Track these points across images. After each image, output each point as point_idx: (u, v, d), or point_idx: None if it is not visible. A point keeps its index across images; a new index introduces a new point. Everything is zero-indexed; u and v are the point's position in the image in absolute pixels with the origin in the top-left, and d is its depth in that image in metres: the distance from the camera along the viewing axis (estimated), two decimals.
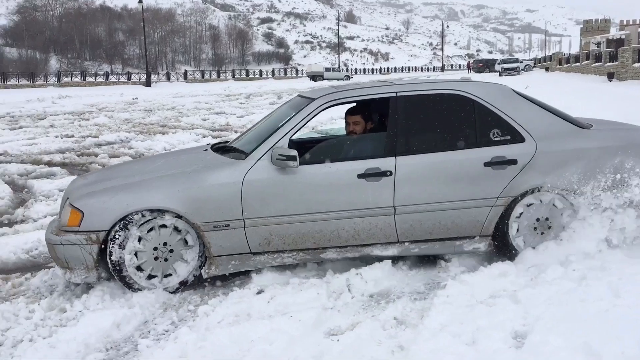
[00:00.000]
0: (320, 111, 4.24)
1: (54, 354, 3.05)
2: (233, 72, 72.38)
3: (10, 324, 3.54)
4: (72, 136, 13.71)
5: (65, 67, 69.53)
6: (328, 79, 60.68)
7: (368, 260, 4.11)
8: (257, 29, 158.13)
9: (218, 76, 68.67)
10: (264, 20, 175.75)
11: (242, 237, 4.03)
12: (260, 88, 41.37)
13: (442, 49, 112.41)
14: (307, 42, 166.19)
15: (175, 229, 3.98)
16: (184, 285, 4.01)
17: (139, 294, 3.85)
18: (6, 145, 11.89)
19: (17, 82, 47.86)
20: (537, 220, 4.15)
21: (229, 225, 3.99)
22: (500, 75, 47.88)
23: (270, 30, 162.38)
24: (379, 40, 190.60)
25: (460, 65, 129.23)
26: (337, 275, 3.96)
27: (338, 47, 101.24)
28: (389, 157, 4.07)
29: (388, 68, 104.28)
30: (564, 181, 4.06)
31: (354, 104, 4.52)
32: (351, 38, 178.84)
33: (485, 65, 65.65)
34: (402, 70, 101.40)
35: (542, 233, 4.16)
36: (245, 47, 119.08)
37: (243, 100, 27.37)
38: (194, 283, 4.05)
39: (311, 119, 4.22)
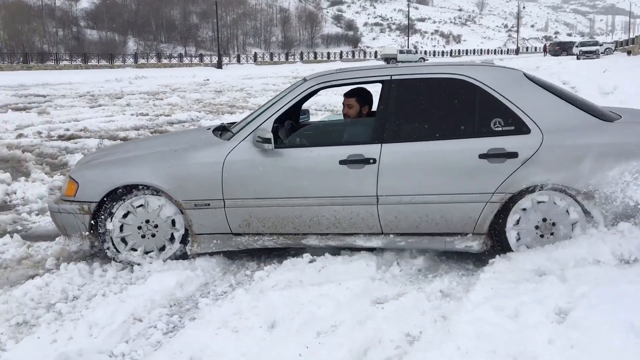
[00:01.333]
0: (310, 93, 4.14)
1: (123, 307, 3.36)
2: (301, 54, 72.80)
3: (86, 281, 3.90)
4: (147, 114, 14.36)
5: (142, 49, 72.00)
6: (402, 62, 60.16)
7: None
8: (327, 12, 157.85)
9: (287, 59, 69.30)
10: (333, 3, 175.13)
11: (223, 218, 4.06)
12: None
13: (517, 31, 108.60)
14: (376, 24, 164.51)
15: (159, 206, 4.11)
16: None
17: (201, 258, 4.12)
18: (86, 122, 12.65)
19: (97, 63, 50.10)
20: (544, 220, 3.77)
21: (209, 204, 4.03)
22: (577, 58, 45.85)
23: (339, 13, 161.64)
24: (450, 22, 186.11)
25: (536, 47, 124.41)
26: (387, 250, 4.09)
27: (408, 29, 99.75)
28: (375, 144, 3.87)
29: (459, 50, 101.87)
30: (573, 180, 3.63)
31: (352, 87, 4.40)
32: (422, 20, 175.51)
33: (563, 48, 63.00)
34: (474, 53, 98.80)
35: (542, 235, 3.78)
36: (315, 29, 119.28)
37: None
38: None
39: (300, 100, 4.16)
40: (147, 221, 4.13)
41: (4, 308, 3.47)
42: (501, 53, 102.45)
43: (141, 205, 4.11)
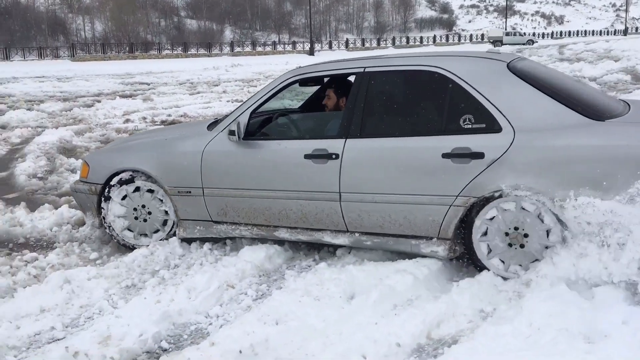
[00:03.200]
0: (285, 86, 4.08)
1: (218, 275, 3.69)
2: (393, 39, 72.14)
3: (185, 252, 4.28)
4: (242, 101, 14.98)
5: (238, 38, 74.22)
6: (509, 44, 58.32)
7: None
8: None
9: (378, 44, 68.91)
10: None
11: (202, 205, 4.20)
12: None
13: (626, 10, 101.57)
14: (472, 6, 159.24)
15: (150, 190, 4.36)
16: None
17: None
18: (186, 108, 13.45)
19: (196, 52, 52.31)
20: (515, 229, 3.36)
21: (190, 192, 4.19)
22: None
23: None
24: (553, 2, 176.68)
25: None
26: None
27: (506, 10, 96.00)
28: (340, 138, 3.74)
29: (561, 32, 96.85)
30: (545, 186, 3.21)
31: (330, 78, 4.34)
32: (522, 0, 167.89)
33: None
34: (577, 35, 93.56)
35: (511, 245, 3.38)
36: (408, 13, 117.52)
37: None
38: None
39: (275, 93, 4.11)
40: (143, 206, 4.41)
41: (115, 272, 3.91)
42: (607, 34, 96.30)
43: (137, 189, 4.39)
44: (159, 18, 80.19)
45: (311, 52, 53.52)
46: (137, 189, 4.39)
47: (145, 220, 4.44)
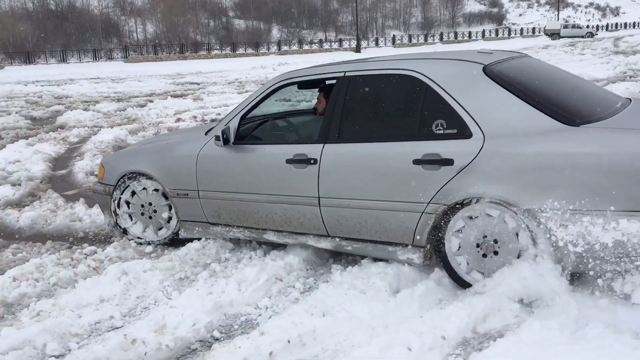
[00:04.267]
0: (273, 91, 4.13)
1: (266, 268, 3.81)
2: (441, 35, 71.23)
3: (235, 246, 4.42)
4: (289, 100, 15.12)
5: (285, 36, 74.77)
6: (567, 37, 56.88)
7: None
8: None
9: (425, 40, 68.20)
10: None
11: (199, 207, 4.32)
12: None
13: None
14: None
15: (156, 190, 4.56)
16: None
17: None
18: (234, 107, 13.68)
19: (244, 51, 53.02)
20: (484, 237, 3.24)
21: (187, 194, 4.33)
22: None
23: None
24: None
25: None
26: None
27: (558, 3, 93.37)
28: (319, 143, 3.73)
29: (617, 24, 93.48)
30: (514, 194, 3.07)
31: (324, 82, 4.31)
32: None
33: None
34: (634, 27, 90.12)
35: (484, 255, 3.27)
36: (456, 8, 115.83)
37: None
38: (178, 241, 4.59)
39: (265, 98, 4.15)
40: (150, 204, 4.62)
41: (169, 265, 4.08)
42: None
43: (144, 189, 4.61)
44: (208, 19, 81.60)
45: (357, 50, 53.43)
46: (144, 189, 4.63)
47: (150, 218, 4.65)
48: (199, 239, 4.44)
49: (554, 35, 58.83)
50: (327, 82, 4.24)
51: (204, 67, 34.04)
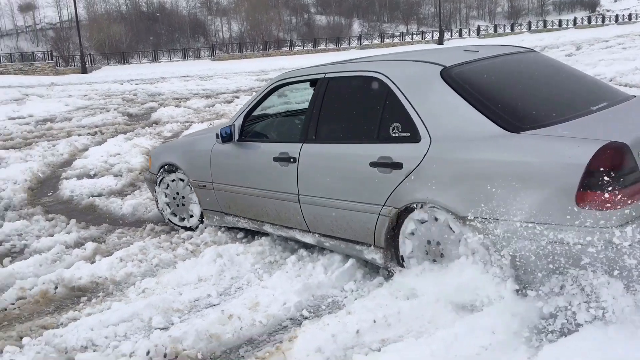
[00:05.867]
0: (271, 91, 4.33)
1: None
2: (529, 24, 68.59)
3: None
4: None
5: (366, 30, 74.67)
6: None
7: None
8: None
9: (512, 29, 65.92)
10: None
11: (214, 198, 4.64)
12: (557, 40, 38.82)
13: None
14: None
15: (182, 180, 4.98)
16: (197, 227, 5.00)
17: None
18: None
19: (325, 47, 53.46)
20: (437, 244, 3.24)
21: (205, 186, 4.68)
22: None
23: None
24: None
25: None
26: None
27: None
28: (299, 143, 3.90)
29: None
30: (450, 200, 3.03)
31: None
32: None
33: None
34: None
35: (434, 260, 3.28)
36: None
37: None
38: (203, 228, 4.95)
39: (264, 98, 4.38)
40: (177, 193, 5.03)
41: (260, 249, 4.32)
42: None
43: (174, 180, 5.02)
44: (290, 16, 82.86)
45: (440, 42, 52.56)
46: (174, 180, 5.06)
47: (183, 205, 5.05)
48: None
49: None
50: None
51: (286, 63, 34.67)
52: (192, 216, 5.03)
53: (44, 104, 17.32)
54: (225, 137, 4.36)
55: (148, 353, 3.01)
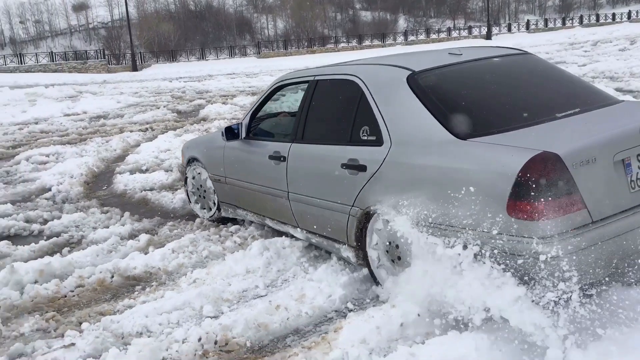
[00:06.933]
0: (272, 92, 4.56)
1: None
2: (581, 17, 66.61)
3: None
4: None
5: (412, 26, 73.98)
6: None
7: None
8: None
9: (563, 24, 64.19)
10: None
11: (228, 191, 4.90)
12: (611, 34, 37.55)
13: None
14: None
15: (199, 174, 5.31)
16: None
17: None
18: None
19: (370, 43, 53.31)
20: (389, 244, 3.31)
21: (219, 180, 4.96)
22: None
23: None
24: None
25: None
26: None
27: None
28: (289, 142, 4.10)
29: None
30: (400, 205, 3.08)
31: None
32: None
33: None
34: None
35: (393, 261, 3.34)
36: None
37: (588, 48, 25.64)
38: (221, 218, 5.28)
39: (267, 98, 4.61)
40: (201, 186, 5.34)
41: (305, 243, 4.42)
42: None
43: (200, 173, 5.33)
44: (335, 12, 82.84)
45: (488, 37, 51.69)
46: (199, 173, 5.37)
47: (204, 197, 5.38)
48: None
49: None
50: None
51: (331, 60, 34.66)
52: (211, 208, 5.36)
53: (97, 101, 17.94)
54: (230, 135, 4.70)
55: (200, 340, 3.14)
